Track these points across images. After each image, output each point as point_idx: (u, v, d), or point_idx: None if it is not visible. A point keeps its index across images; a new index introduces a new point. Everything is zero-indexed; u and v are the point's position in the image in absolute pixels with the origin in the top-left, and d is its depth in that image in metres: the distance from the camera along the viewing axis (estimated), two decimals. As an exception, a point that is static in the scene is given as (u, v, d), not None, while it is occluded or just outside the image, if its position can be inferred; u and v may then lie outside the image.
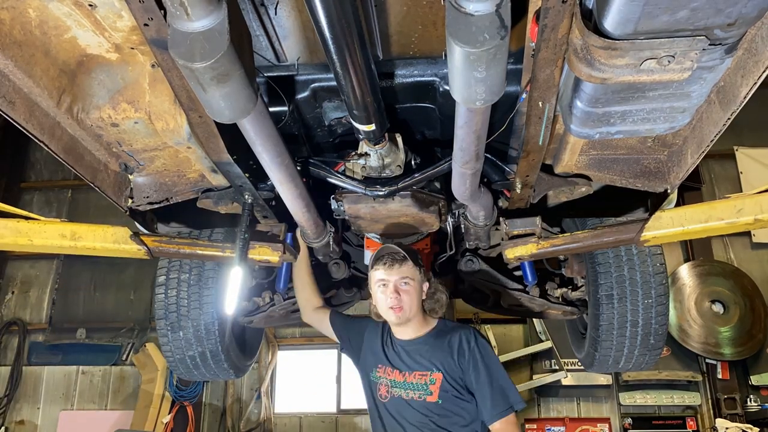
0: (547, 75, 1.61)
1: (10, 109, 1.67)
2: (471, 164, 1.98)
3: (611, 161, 2.26)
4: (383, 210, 2.50)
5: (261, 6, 1.79)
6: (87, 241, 2.39)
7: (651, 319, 2.95)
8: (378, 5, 1.79)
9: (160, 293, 3.16)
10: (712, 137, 1.78)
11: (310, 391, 8.51)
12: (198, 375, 3.40)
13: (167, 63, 1.61)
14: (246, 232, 2.46)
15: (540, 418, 7.87)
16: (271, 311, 3.33)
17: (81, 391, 8.43)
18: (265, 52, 2.03)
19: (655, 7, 1.24)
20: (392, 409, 2.45)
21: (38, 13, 1.63)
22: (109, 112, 1.93)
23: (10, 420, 8.31)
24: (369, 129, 2.07)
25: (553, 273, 3.41)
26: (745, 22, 1.30)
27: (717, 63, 1.46)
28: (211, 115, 1.64)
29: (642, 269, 2.92)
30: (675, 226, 2.22)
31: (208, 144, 2.02)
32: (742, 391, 7.56)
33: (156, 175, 2.35)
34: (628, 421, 7.62)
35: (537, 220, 2.51)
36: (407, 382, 2.45)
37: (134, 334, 8.57)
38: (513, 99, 1.98)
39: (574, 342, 3.76)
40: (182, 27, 1.37)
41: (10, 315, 8.90)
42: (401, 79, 2.13)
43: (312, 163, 2.44)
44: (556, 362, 7.56)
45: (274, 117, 1.89)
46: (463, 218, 2.74)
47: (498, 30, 1.29)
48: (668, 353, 7.38)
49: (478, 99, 1.48)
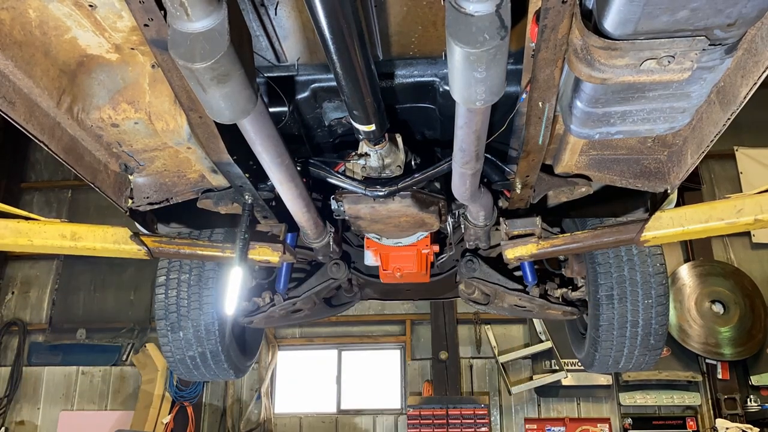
0: (547, 75, 1.61)
1: (11, 109, 1.67)
2: (471, 164, 1.98)
3: (611, 161, 2.26)
4: (383, 210, 2.50)
5: (261, 6, 1.79)
6: (87, 241, 2.39)
7: (651, 319, 2.95)
8: (378, 5, 1.79)
9: (161, 293, 3.15)
10: (712, 137, 1.78)
11: (310, 392, 8.51)
12: (198, 375, 3.40)
13: (167, 63, 1.61)
14: (246, 233, 2.46)
15: (540, 418, 7.87)
16: (271, 311, 3.33)
17: (81, 392, 8.43)
18: (265, 53, 2.03)
19: (655, 7, 1.24)
20: None
21: (38, 14, 1.63)
22: (109, 113, 1.93)
23: (10, 420, 8.31)
24: (369, 129, 2.06)
25: (553, 273, 3.41)
26: (745, 22, 1.30)
27: (717, 63, 1.46)
28: (211, 116, 1.64)
29: (642, 269, 2.92)
30: (675, 226, 2.22)
31: (208, 144, 2.02)
32: (742, 391, 7.56)
33: (156, 175, 2.35)
34: (628, 421, 7.63)
35: (537, 220, 2.51)
36: None
37: (134, 334, 8.57)
38: (513, 99, 1.98)
39: (574, 342, 3.76)
40: (182, 27, 1.37)
41: (10, 315, 8.90)
42: (401, 79, 2.12)
43: (312, 164, 2.44)
44: (556, 362, 7.56)
45: (274, 117, 1.89)
46: (463, 218, 2.74)
47: (498, 30, 1.29)
48: (668, 353, 7.38)
49: (478, 99, 1.48)
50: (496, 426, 7.82)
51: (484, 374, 8.20)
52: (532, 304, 3.27)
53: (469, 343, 8.31)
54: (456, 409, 7.43)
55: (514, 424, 7.91)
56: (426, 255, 3.02)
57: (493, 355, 7.99)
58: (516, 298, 3.24)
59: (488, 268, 3.18)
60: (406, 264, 2.98)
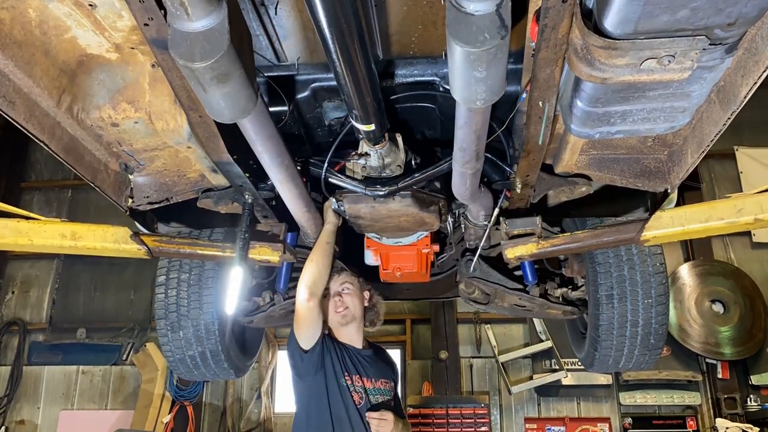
0: (547, 75, 1.61)
1: (11, 109, 1.67)
2: (471, 164, 1.98)
3: (611, 161, 2.26)
4: (383, 210, 2.50)
5: (261, 6, 1.79)
6: (87, 241, 2.39)
7: (651, 318, 2.95)
8: (378, 5, 1.79)
9: (160, 293, 3.15)
10: (712, 137, 1.78)
11: (311, 391, 8.50)
12: (198, 375, 3.40)
13: (167, 63, 1.61)
14: (246, 232, 2.46)
15: (540, 417, 7.87)
16: (271, 311, 3.33)
17: (81, 391, 8.43)
18: (265, 52, 2.03)
19: (655, 6, 1.24)
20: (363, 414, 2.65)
21: (38, 13, 1.63)
22: (109, 112, 1.93)
23: (11, 420, 8.31)
24: (369, 129, 2.06)
25: (553, 273, 3.41)
26: (746, 21, 1.30)
27: (717, 63, 1.46)
28: (211, 115, 1.65)
29: (642, 269, 2.91)
30: (675, 225, 2.22)
31: (209, 144, 2.02)
32: (742, 391, 7.56)
33: (156, 174, 2.35)
34: (628, 420, 7.62)
35: (537, 220, 2.51)
36: (376, 388, 2.76)
37: (134, 334, 8.57)
38: (513, 99, 1.99)
39: (574, 342, 3.76)
40: (182, 27, 1.37)
41: (11, 315, 8.90)
42: (401, 78, 2.13)
43: (312, 163, 2.44)
44: (556, 362, 7.56)
45: (274, 117, 1.89)
46: (463, 218, 2.74)
47: (498, 30, 1.29)
48: (668, 353, 7.37)
49: (478, 99, 1.48)
50: (496, 425, 7.82)
51: (484, 374, 8.20)
52: (533, 303, 3.27)
53: (469, 343, 8.31)
54: (456, 408, 7.42)
55: (514, 424, 7.91)
56: (426, 254, 3.02)
57: (493, 355, 7.98)
58: (516, 298, 3.24)
59: (488, 268, 3.18)
60: (406, 263, 2.98)
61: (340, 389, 2.64)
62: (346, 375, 2.68)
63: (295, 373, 2.73)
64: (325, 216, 2.63)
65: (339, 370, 2.67)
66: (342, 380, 2.66)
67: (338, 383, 2.65)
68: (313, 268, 2.59)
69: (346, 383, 2.67)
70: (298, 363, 2.66)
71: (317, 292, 2.60)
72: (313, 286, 2.58)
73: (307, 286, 2.57)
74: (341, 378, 2.66)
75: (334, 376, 2.65)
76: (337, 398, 2.63)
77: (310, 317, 2.59)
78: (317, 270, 2.59)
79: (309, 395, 2.68)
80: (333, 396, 2.63)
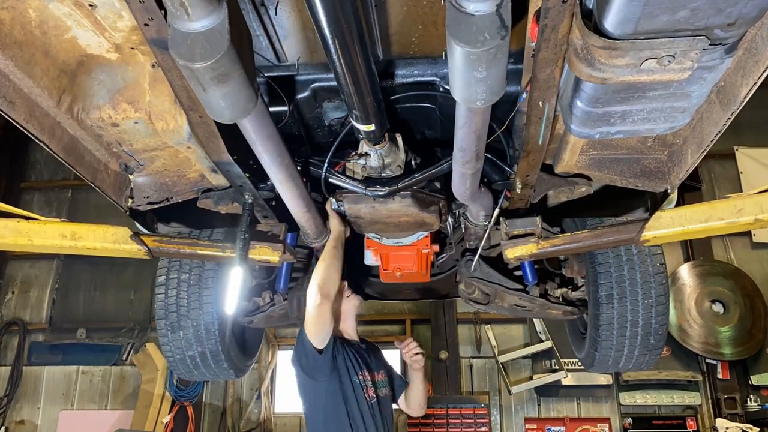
0: (548, 75, 1.61)
1: (11, 109, 1.67)
2: (471, 164, 1.98)
3: (611, 161, 2.26)
4: (383, 210, 2.50)
5: (261, 6, 1.79)
6: (87, 241, 2.39)
7: (651, 319, 2.95)
8: (378, 5, 1.79)
9: (160, 293, 3.16)
10: (712, 137, 1.78)
11: (311, 391, 8.49)
12: (198, 375, 3.40)
13: (167, 63, 1.61)
14: (246, 232, 2.46)
15: (540, 417, 7.87)
16: (271, 311, 3.33)
17: (81, 391, 8.42)
18: (265, 52, 2.03)
19: (655, 7, 1.24)
20: (376, 408, 2.72)
21: (38, 13, 1.63)
22: (110, 112, 1.93)
23: (10, 420, 8.31)
24: (369, 129, 2.07)
25: (553, 273, 3.41)
26: (746, 21, 1.30)
27: (717, 63, 1.46)
28: (212, 115, 1.65)
29: (642, 269, 2.92)
30: (675, 226, 2.22)
31: (209, 144, 2.02)
32: (742, 391, 7.55)
33: (156, 175, 2.35)
34: (628, 420, 7.62)
35: (537, 220, 2.51)
36: (379, 380, 2.87)
37: (134, 334, 8.56)
38: (513, 99, 1.98)
39: (574, 342, 3.76)
40: (182, 27, 1.37)
41: (10, 315, 8.89)
42: (401, 79, 2.13)
43: (312, 163, 2.44)
44: (556, 362, 7.55)
45: (274, 117, 1.89)
46: (463, 218, 2.74)
47: (498, 30, 1.29)
48: (668, 353, 7.37)
49: (478, 99, 1.48)
50: (496, 426, 7.82)
51: (484, 374, 8.20)
52: (533, 303, 3.27)
53: (469, 343, 8.30)
54: (456, 408, 7.42)
55: (514, 424, 7.90)
56: (426, 255, 3.02)
57: (493, 355, 7.98)
58: (516, 298, 3.24)
59: (488, 268, 3.18)
60: (406, 263, 2.99)
61: (354, 386, 2.71)
62: (359, 372, 2.76)
63: (306, 374, 2.73)
64: (330, 224, 2.65)
65: (352, 368, 2.74)
66: (355, 377, 2.73)
67: (351, 381, 2.71)
68: (324, 270, 2.61)
69: (359, 380, 2.74)
70: (312, 363, 2.67)
71: (330, 294, 2.63)
72: (324, 288, 2.60)
73: (320, 289, 2.59)
74: (354, 375, 2.73)
75: (347, 374, 2.71)
76: (351, 396, 2.69)
77: (323, 319, 2.63)
78: (328, 272, 2.62)
79: (325, 395, 2.70)
80: (347, 394, 2.69)
